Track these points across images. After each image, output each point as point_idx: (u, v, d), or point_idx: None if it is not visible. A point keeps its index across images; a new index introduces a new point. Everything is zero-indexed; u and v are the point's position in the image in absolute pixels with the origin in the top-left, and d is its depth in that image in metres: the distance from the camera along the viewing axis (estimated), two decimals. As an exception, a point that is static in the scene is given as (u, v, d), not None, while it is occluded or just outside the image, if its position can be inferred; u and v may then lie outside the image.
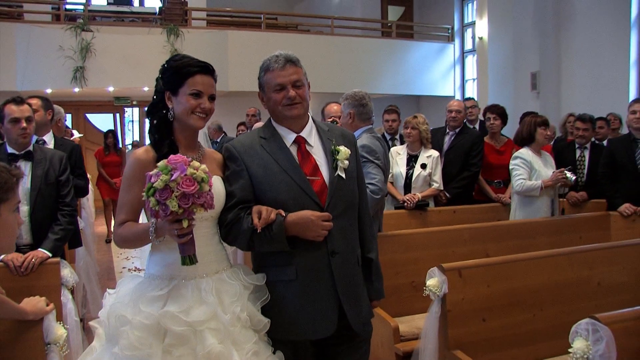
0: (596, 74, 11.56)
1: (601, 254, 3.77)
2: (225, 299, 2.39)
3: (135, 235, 2.39)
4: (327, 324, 2.55)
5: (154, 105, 2.54)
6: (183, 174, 2.11)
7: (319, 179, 2.58)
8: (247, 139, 2.70)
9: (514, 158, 5.23)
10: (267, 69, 2.63)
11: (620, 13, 11.28)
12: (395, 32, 15.72)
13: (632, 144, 5.26)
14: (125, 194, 2.44)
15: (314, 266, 2.54)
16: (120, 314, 2.32)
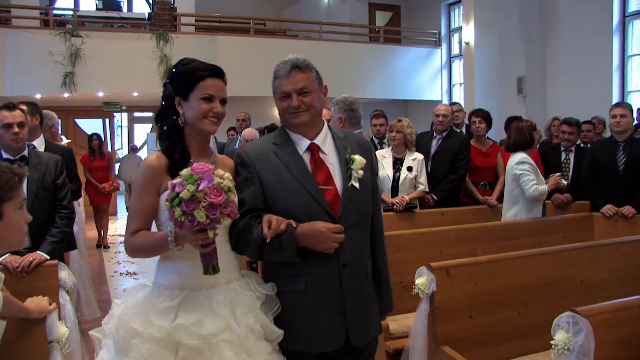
0: (580, 78, 11.75)
1: (583, 253, 3.88)
2: (237, 309, 2.33)
3: (151, 245, 2.32)
4: (333, 339, 2.50)
5: (164, 111, 2.47)
6: (211, 184, 2.06)
7: (331, 189, 2.51)
8: (259, 145, 2.62)
9: (521, 163, 5.14)
10: (275, 75, 2.57)
11: (603, 19, 11.49)
12: (382, 37, 15.89)
13: (614, 147, 5.40)
14: (137, 201, 2.38)
15: (324, 279, 2.48)
16: (129, 326, 2.26)
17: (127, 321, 2.28)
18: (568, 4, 12.08)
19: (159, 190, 2.34)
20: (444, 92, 15.96)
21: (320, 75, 2.61)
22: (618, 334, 2.42)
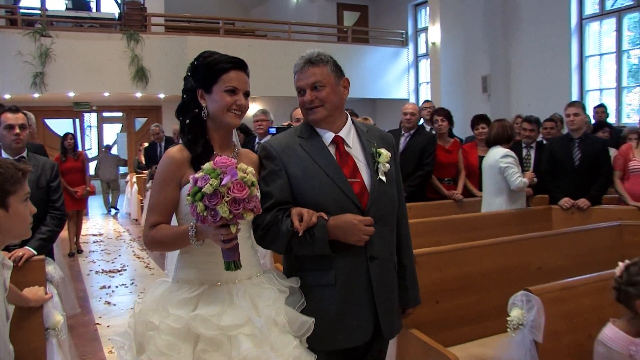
0: (542, 77, 12.19)
1: (541, 242, 4.16)
2: (259, 303, 2.29)
3: (171, 239, 2.29)
4: (364, 332, 2.48)
5: (185, 105, 2.44)
6: (234, 179, 2.03)
7: (358, 181, 2.48)
8: (284, 138, 2.59)
9: (506, 156, 5.41)
10: (294, 72, 2.57)
11: (561, 21, 11.96)
12: (351, 37, 16.13)
13: (570, 143, 5.73)
14: (158, 194, 2.34)
15: (353, 271, 2.45)
16: (147, 320, 2.23)
17: (144, 316, 2.25)
18: (529, 7, 12.51)
19: (180, 183, 2.32)
20: (410, 91, 16.26)
21: (340, 68, 2.58)
22: (565, 309, 2.70)
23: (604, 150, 5.77)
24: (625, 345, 2.38)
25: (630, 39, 11.43)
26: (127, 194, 14.33)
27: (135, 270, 8.36)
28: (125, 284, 7.58)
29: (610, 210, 5.54)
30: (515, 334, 2.66)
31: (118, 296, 6.99)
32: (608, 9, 11.57)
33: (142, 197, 12.47)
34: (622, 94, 11.45)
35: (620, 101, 11.42)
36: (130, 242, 10.90)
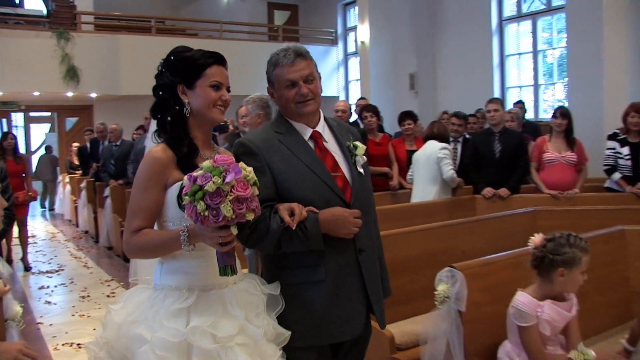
0: (466, 75, 12.73)
1: (465, 227, 4.53)
2: (249, 311, 2.21)
3: (158, 244, 2.17)
4: (356, 324, 2.47)
5: (164, 102, 2.31)
6: (238, 177, 1.95)
7: (340, 175, 2.47)
8: (261, 133, 2.52)
9: (444, 149, 5.95)
10: (276, 64, 2.46)
11: (483, 22, 12.56)
12: (281, 36, 16.38)
13: (491, 137, 6.19)
14: (141, 197, 2.19)
15: (343, 265, 2.42)
16: (135, 333, 2.10)
17: (130, 328, 2.13)
18: (454, 8, 13.05)
19: (165, 185, 2.20)
20: (341, 88, 16.61)
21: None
22: (485, 282, 3.02)
23: (522, 143, 6.26)
24: (533, 308, 2.74)
25: (545, 40, 12.13)
26: (60, 194, 14.15)
27: (74, 270, 8.39)
28: (64, 283, 7.62)
29: (528, 198, 6.00)
30: (442, 306, 2.96)
31: (58, 295, 7.05)
32: (524, 12, 12.24)
33: (75, 198, 12.37)
34: (539, 90, 12.15)
35: (537, 97, 12.10)
36: (66, 242, 10.85)
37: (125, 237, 2.21)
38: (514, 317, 2.78)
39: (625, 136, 6.03)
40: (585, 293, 3.33)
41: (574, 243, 2.82)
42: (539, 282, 2.85)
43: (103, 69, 13.14)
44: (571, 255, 2.79)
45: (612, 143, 6.11)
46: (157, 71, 2.36)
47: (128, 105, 14.04)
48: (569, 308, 2.83)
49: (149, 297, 2.20)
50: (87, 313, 6.20)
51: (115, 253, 9.39)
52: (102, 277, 7.87)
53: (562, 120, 6.07)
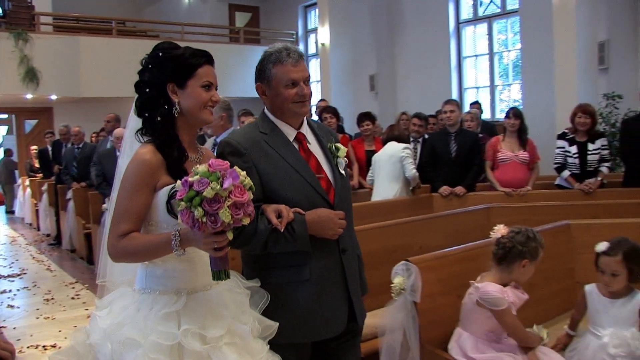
0: (425, 76, 12.98)
1: (422, 224, 4.72)
2: (235, 310, 2.22)
3: (148, 248, 2.12)
4: (339, 323, 2.51)
5: (152, 100, 2.24)
6: (236, 182, 1.93)
7: (323, 177, 2.51)
8: (247, 133, 2.51)
9: (407, 148, 6.22)
10: (276, 62, 2.45)
11: (441, 24, 12.85)
12: (243, 38, 16.38)
13: (447, 137, 6.42)
14: (129, 200, 2.13)
15: (328, 265, 2.46)
16: (126, 337, 2.06)
17: (118, 333, 2.08)
18: (412, 11, 13.31)
19: (154, 188, 2.16)
20: (302, 90, 16.70)
21: None
22: (438, 275, 3.20)
23: (476, 143, 6.50)
24: (503, 292, 2.92)
25: (500, 42, 12.48)
26: (20, 198, 13.99)
27: (37, 273, 8.35)
28: (27, 286, 7.59)
29: (483, 195, 6.24)
30: (399, 298, 3.14)
31: (21, 299, 7.03)
32: (480, 15, 12.59)
33: (36, 201, 12.27)
34: (495, 91, 12.49)
35: (494, 98, 12.44)
36: (27, 246, 10.75)
37: (111, 241, 2.14)
38: (489, 305, 2.92)
39: (574, 136, 6.31)
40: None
41: (537, 238, 3.04)
42: (497, 270, 3.04)
43: (63, 70, 13.02)
44: (535, 249, 3.01)
45: (562, 142, 6.39)
46: (141, 66, 2.30)
47: (88, 107, 13.98)
48: (522, 292, 3.05)
49: (134, 301, 2.17)
50: (52, 315, 6.21)
51: (78, 255, 9.37)
52: (65, 280, 7.86)
53: (515, 120, 6.33)
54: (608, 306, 3.12)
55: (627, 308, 3.08)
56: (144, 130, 2.26)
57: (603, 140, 6.33)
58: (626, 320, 3.07)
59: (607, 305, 3.12)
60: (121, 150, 2.42)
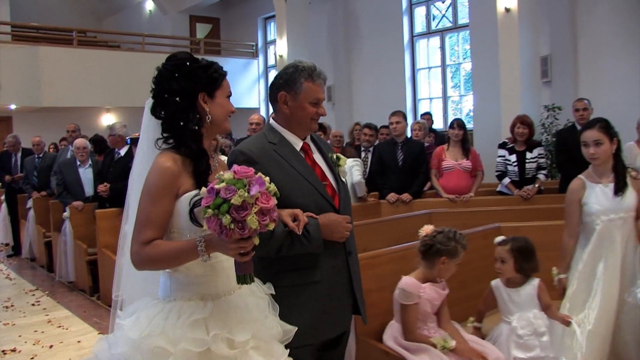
0: (380, 87, 13.38)
1: (367, 228, 5.02)
2: (258, 314, 2.26)
3: (174, 255, 2.12)
4: (346, 321, 2.73)
5: (185, 110, 2.24)
6: (262, 189, 1.96)
7: (328, 184, 2.68)
8: (257, 143, 2.64)
9: (356, 160, 6.61)
10: (309, 78, 2.61)
11: (396, 37, 13.25)
12: (203, 49, 16.48)
13: (394, 147, 6.79)
14: (153, 207, 2.13)
15: (336, 267, 2.63)
16: (155, 346, 2.07)
17: (147, 342, 2.08)
18: (368, 24, 13.70)
19: (177, 195, 2.17)
20: (261, 101, 16.89)
21: None
22: (373, 272, 3.50)
23: (422, 152, 6.88)
24: (417, 288, 3.26)
25: (452, 55, 12.94)
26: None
27: (-4, 282, 8.39)
28: (-14, 294, 7.64)
29: (428, 202, 6.59)
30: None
31: (-21, 307, 7.08)
32: (433, 29, 13.04)
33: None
34: (447, 102, 12.94)
35: (446, 109, 12.89)
36: (-15, 254, 10.74)
37: (134, 249, 2.14)
38: (399, 297, 3.30)
39: (513, 145, 6.73)
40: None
41: (458, 239, 3.39)
42: (422, 266, 3.40)
43: (23, 80, 13.01)
44: (454, 248, 3.35)
45: (502, 151, 6.81)
46: (161, 75, 2.29)
47: (48, 117, 14.01)
48: (443, 287, 3.40)
49: (161, 310, 2.17)
50: (12, 321, 6.30)
51: (38, 264, 9.44)
52: (25, 287, 7.94)
53: (459, 131, 6.73)
54: (512, 295, 3.55)
55: (527, 292, 3.53)
56: (172, 139, 2.26)
57: (540, 149, 6.77)
58: (529, 303, 3.51)
59: (510, 294, 3.56)
60: (136, 157, 2.43)
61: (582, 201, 3.65)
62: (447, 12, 12.74)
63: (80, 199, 7.78)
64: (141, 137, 2.36)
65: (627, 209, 3.60)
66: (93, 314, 6.64)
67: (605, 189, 3.61)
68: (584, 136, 3.63)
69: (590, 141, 3.59)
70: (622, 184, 3.58)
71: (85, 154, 7.95)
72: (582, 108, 6.76)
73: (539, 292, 3.53)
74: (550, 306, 3.53)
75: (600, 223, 3.58)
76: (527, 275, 3.58)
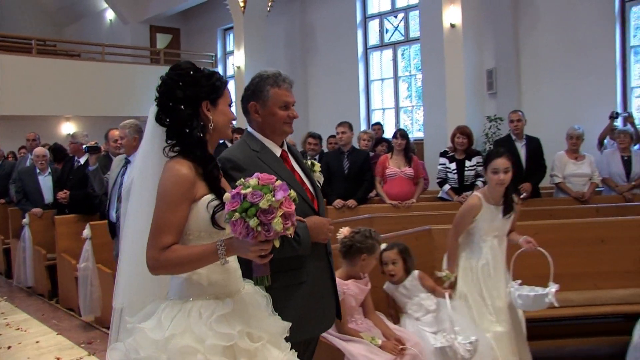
0: (335, 98, 13.83)
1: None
2: (265, 311, 2.35)
3: (194, 259, 2.17)
4: (329, 318, 2.86)
5: (190, 117, 2.30)
6: (286, 194, 2.05)
7: (306, 189, 2.78)
8: (242, 151, 2.72)
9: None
10: (274, 84, 2.73)
11: (351, 50, 13.75)
12: (163, 59, 16.62)
13: (341, 156, 7.19)
14: (171, 214, 2.18)
15: (319, 267, 2.75)
16: (183, 345, 2.12)
17: (172, 342, 2.13)
18: (324, 36, 14.16)
19: (193, 200, 2.23)
20: (220, 110, 17.12)
21: None
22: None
23: (367, 161, 7.27)
24: (340, 286, 3.59)
25: (404, 67, 13.47)
26: None
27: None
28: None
29: (373, 207, 6.99)
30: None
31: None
32: (386, 42, 13.56)
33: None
34: (399, 112, 13.44)
35: (398, 119, 13.40)
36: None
37: (152, 254, 2.17)
38: None
39: (453, 154, 7.19)
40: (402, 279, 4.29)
41: (374, 236, 3.79)
42: (345, 265, 3.79)
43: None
44: (372, 245, 3.75)
45: (443, 159, 7.26)
46: (166, 84, 2.35)
47: (7, 125, 14.04)
48: (366, 283, 3.80)
49: (180, 309, 2.22)
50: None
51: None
52: (-17, 293, 8.04)
53: (402, 140, 7.15)
54: (402, 290, 4.15)
55: (412, 283, 4.16)
56: (178, 146, 2.30)
57: (478, 157, 7.22)
58: (415, 291, 4.13)
59: (400, 290, 4.16)
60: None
61: (475, 217, 4.13)
62: (400, 26, 13.25)
63: (39, 206, 7.96)
64: (144, 144, 2.41)
65: (506, 229, 4.21)
66: (52, 316, 6.84)
67: (496, 210, 4.12)
68: (496, 163, 4.08)
69: (501, 168, 4.05)
70: (510, 207, 4.11)
71: (44, 162, 8.13)
72: (516, 119, 7.29)
73: (421, 280, 4.15)
74: (435, 288, 4.13)
75: (487, 239, 4.14)
76: (409, 271, 4.16)
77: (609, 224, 5.29)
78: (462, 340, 3.66)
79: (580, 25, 9.94)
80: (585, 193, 7.03)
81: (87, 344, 5.72)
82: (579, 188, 7.11)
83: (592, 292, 4.91)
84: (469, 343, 3.65)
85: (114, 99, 14.49)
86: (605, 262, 5.01)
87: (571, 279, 4.95)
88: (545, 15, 10.39)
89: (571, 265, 5.02)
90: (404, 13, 13.14)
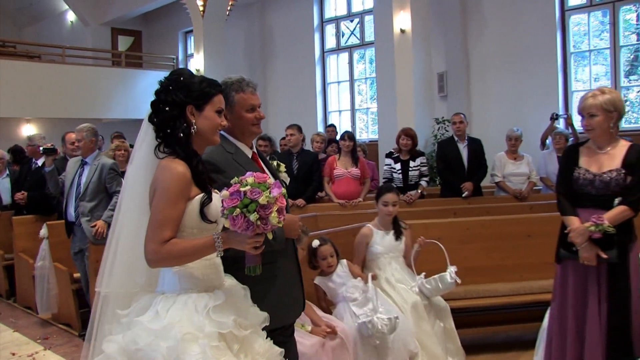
0: (294, 100, 14.12)
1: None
2: (247, 302, 2.53)
3: (192, 251, 2.32)
4: (299, 308, 3.01)
5: (173, 118, 2.46)
6: (280, 191, 2.23)
7: None
8: (218, 153, 2.78)
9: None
10: (239, 89, 2.84)
11: (308, 53, 14.06)
12: (124, 62, 16.55)
13: (290, 157, 7.44)
14: (171, 210, 2.33)
15: (290, 260, 2.92)
16: (185, 332, 2.25)
17: (172, 331, 2.26)
18: (282, 39, 14.46)
19: (189, 197, 2.39)
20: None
21: None
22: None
23: (316, 162, 7.55)
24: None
25: (362, 70, 13.81)
26: None
27: None
28: None
29: (321, 206, 7.30)
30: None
31: None
32: (343, 45, 13.90)
33: None
34: (355, 115, 13.80)
35: (354, 120, 13.75)
36: None
37: (152, 247, 2.31)
38: None
39: (398, 155, 7.55)
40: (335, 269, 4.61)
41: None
42: None
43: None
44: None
45: (389, 160, 7.63)
46: (160, 87, 2.52)
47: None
48: None
49: (175, 301, 2.36)
50: None
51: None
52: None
53: (349, 142, 7.48)
54: (334, 279, 4.49)
55: (343, 271, 4.51)
56: (163, 145, 2.47)
57: (422, 158, 7.61)
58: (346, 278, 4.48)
59: (333, 279, 4.49)
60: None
61: (369, 244, 4.84)
62: (355, 30, 13.60)
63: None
64: (138, 142, 2.56)
65: (401, 249, 4.89)
66: (9, 314, 7.02)
67: (387, 235, 4.86)
68: (386, 197, 4.82)
69: (390, 202, 4.81)
70: (399, 232, 4.89)
71: (2, 164, 8.23)
72: (458, 121, 7.67)
73: (349, 267, 4.58)
74: (361, 274, 4.58)
75: (383, 259, 4.82)
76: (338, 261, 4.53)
77: (536, 220, 5.70)
78: (382, 315, 4.04)
79: (525, 32, 10.39)
80: (523, 191, 7.45)
81: (44, 340, 5.92)
82: (517, 186, 7.53)
83: (518, 283, 5.30)
84: (387, 319, 4.02)
85: (75, 101, 14.42)
86: (531, 255, 5.38)
87: (499, 271, 5.40)
88: (492, 22, 10.83)
89: (500, 258, 5.46)
90: (360, 17, 13.50)
